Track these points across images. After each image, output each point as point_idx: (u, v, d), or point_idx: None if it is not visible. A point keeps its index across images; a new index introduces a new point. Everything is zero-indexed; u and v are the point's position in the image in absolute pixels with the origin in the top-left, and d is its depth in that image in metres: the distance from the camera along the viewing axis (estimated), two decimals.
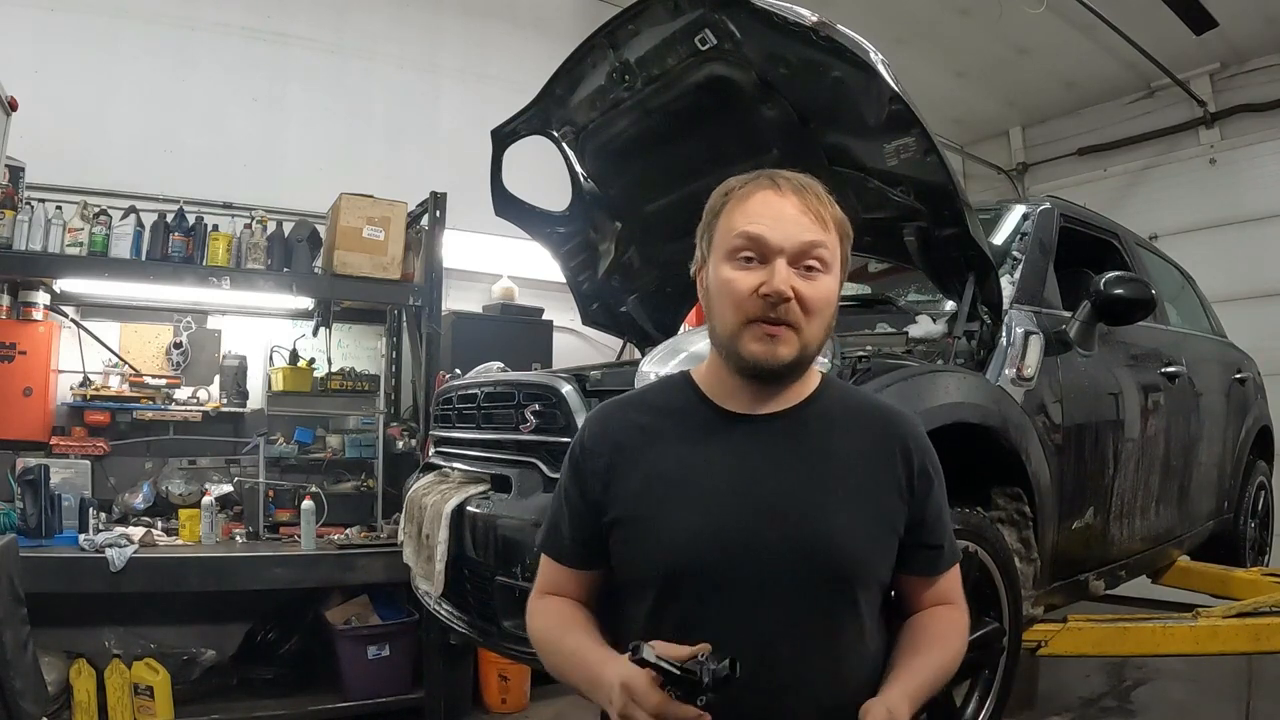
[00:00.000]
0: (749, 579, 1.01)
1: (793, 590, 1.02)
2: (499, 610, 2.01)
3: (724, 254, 1.05)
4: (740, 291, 1.02)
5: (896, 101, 1.94)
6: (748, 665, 0.93)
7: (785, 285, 1.00)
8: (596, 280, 3.22)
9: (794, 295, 1.01)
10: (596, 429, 1.16)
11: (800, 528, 1.03)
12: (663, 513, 1.05)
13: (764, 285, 1.01)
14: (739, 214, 1.05)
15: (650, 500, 1.06)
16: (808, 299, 1.02)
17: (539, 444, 2.11)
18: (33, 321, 3.48)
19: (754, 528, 1.02)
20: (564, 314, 4.18)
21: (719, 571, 1.02)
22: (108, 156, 3.81)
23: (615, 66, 2.40)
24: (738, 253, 1.04)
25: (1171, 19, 5.08)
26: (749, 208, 1.04)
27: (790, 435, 1.08)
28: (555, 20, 5.00)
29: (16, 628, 2.22)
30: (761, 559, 1.02)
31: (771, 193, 1.04)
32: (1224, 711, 3.31)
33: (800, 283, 1.02)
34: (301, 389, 3.93)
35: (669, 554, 1.03)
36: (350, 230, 3.68)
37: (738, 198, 1.07)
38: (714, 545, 1.02)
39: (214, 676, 3.49)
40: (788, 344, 1.02)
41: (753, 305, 1.02)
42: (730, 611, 1.02)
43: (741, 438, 1.08)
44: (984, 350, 2.25)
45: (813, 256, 1.03)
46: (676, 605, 1.04)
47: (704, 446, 1.08)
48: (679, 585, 1.03)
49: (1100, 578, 2.71)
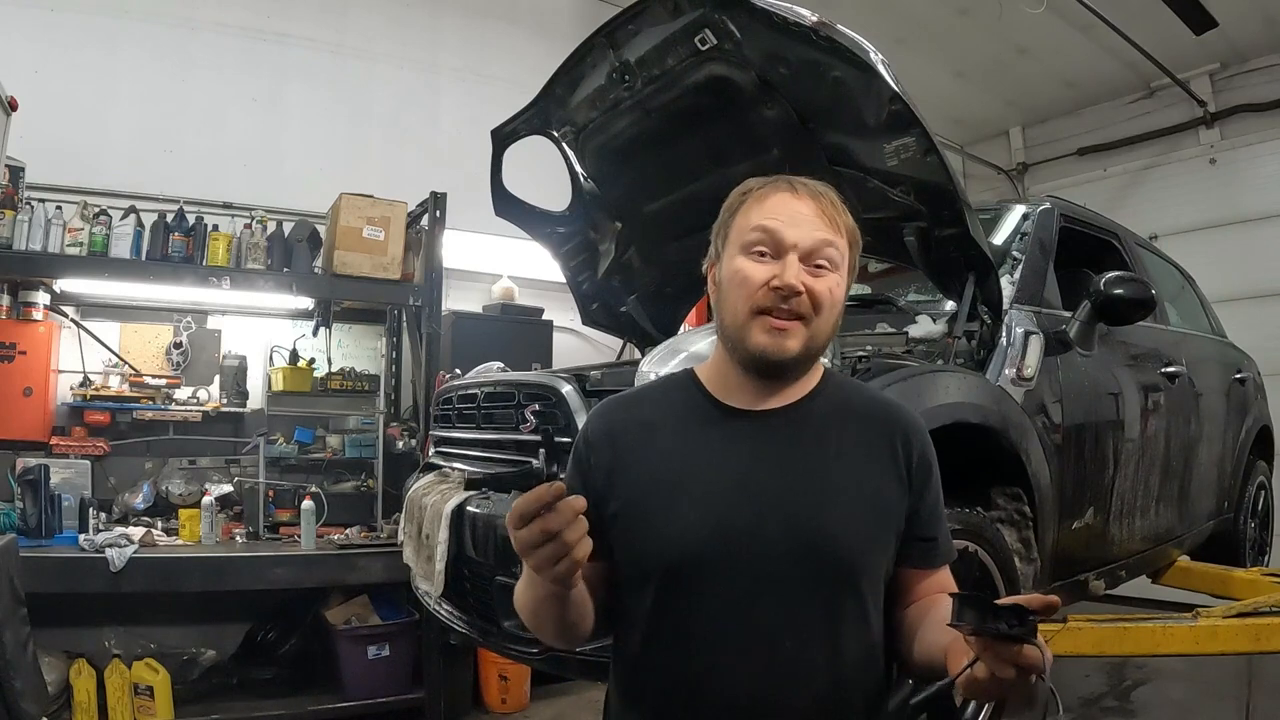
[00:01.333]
0: (749, 571, 1.02)
1: (793, 582, 1.02)
2: (499, 610, 2.01)
3: (739, 247, 1.09)
4: (753, 282, 1.05)
5: (896, 101, 1.94)
6: (748, 657, 0.94)
7: (797, 279, 1.03)
8: (596, 280, 3.22)
9: (804, 289, 1.04)
10: (599, 424, 1.17)
11: (800, 520, 1.03)
12: (663, 507, 1.06)
13: (776, 278, 1.04)
14: (756, 211, 1.09)
15: (651, 494, 1.07)
16: (817, 294, 1.05)
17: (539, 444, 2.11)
18: (33, 321, 3.48)
19: (754, 521, 1.03)
20: (564, 314, 4.18)
21: (719, 564, 1.02)
22: (108, 156, 3.81)
23: (615, 66, 2.40)
24: (753, 246, 1.07)
25: (1171, 19, 5.08)
26: (766, 206, 1.08)
27: (791, 429, 1.09)
28: (555, 20, 5.00)
29: (16, 628, 2.22)
30: (762, 551, 1.02)
31: (789, 194, 1.09)
32: (1224, 711, 3.32)
33: (810, 279, 1.05)
34: (301, 389, 3.93)
35: (669, 547, 1.04)
36: (350, 230, 3.68)
37: (756, 197, 1.11)
38: (714, 538, 1.03)
39: (214, 676, 3.49)
40: (795, 337, 1.05)
41: (764, 297, 1.05)
42: (731, 604, 1.02)
43: (743, 432, 1.09)
44: (984, 350, 2.25)
45: (823, 256, 1.06)
46: (678, 598, 1.04)
47: (705, 441, 1.09)
48: (680, 578, 1.04)
49: (1100, 578, 2.71)
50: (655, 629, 1.06)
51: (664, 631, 1.05)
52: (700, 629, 1.02)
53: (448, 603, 2.31)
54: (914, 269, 2.45)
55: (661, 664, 1.05)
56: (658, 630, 1.05)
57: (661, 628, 1.05)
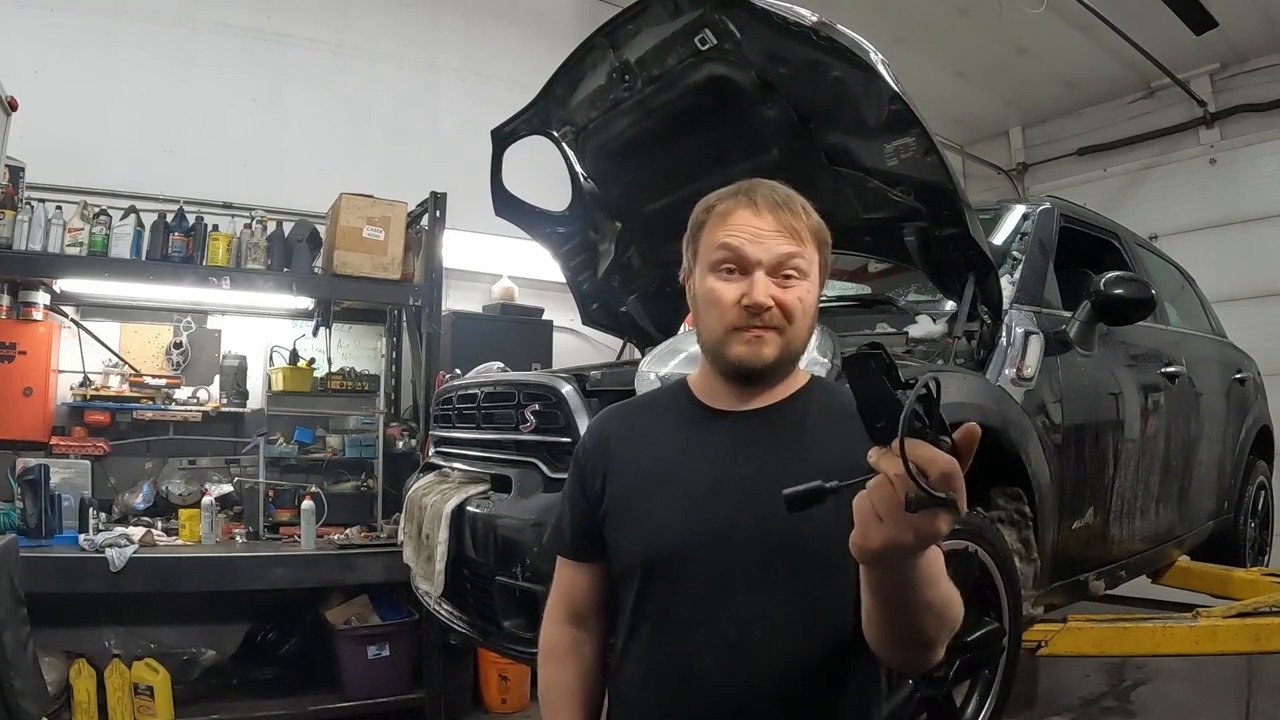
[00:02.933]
0: (722, 565, 1.06)
1: (765, 575, 1.05)
2: (499, 610, 2.01)
3: (707, 266, 1.12)
4: (724, 301, 1.09)
5: (896, 101, 1.94)
6: (720, 646, 0.96)
7: (765, 296, 1.07)
8: (596, 280, 3.22)
9: (774, 303, 1.08)
10: (596, 431, 1.26)
11: (772, 513, 1.02)
12: (646, 504, 1.12)
13: (745, 296, 1.08)
14: (720, 230, 1.12)
15: (637, 493, 1.14)
16: (787, 305, 1.08)
17: (539, 444, 2.11)
18: (33, 321, 3.48)
19: (727, 515, 1.06)
20: (564, 314, 4.18)
21: (696, 557, 1.07)
22: (108, 156, 3.81)
23: (615, 66, 2.40)
24: (720, 265, 1.11)
25: (1171, 19, 5.08)
26: (729, 225, 1.11)
27: (769, 426, 1.12)
28: (555, 20, 5.00)
29: (16, 628, 2.22)
30: (733, 545, 1.05)
31: (749, 212, 1.10)
32: (1224, 711, 3.32)
33: (779, 291, 1.08)
34: (301, 389, 3.93)
35: (650, 542, 1.10)
36: (350, 230, 3.68)
37: (718, 214, 1.13)
38: (689, 533, 1.07)
39: (214, 676, 3.50)
40: (771, 345, 1.09)
41: (736, 314, 1.09)
42: (704, 597, 1.06)
43: (723, 432, 1.13)
44: (984, 350, 2.25)
45: (790, 267, 1.09)
46: (657, 590, 1.09)
47: (687, 441, 1.15)
48: (659, 571, 1.09)
49: (1100, 578, 2.71)
50: (638, 621, 1.12)
51: (644, 623, 1.11)
52: (676, 620, 1.07)
53: (448, 603, 2.31)
54: (914, 269, 2.45)
55: (642, 654, 1.11)
56: (640, 622, 1.11)
57: (643, 619, 1.11)
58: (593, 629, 1.23)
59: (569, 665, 1.22)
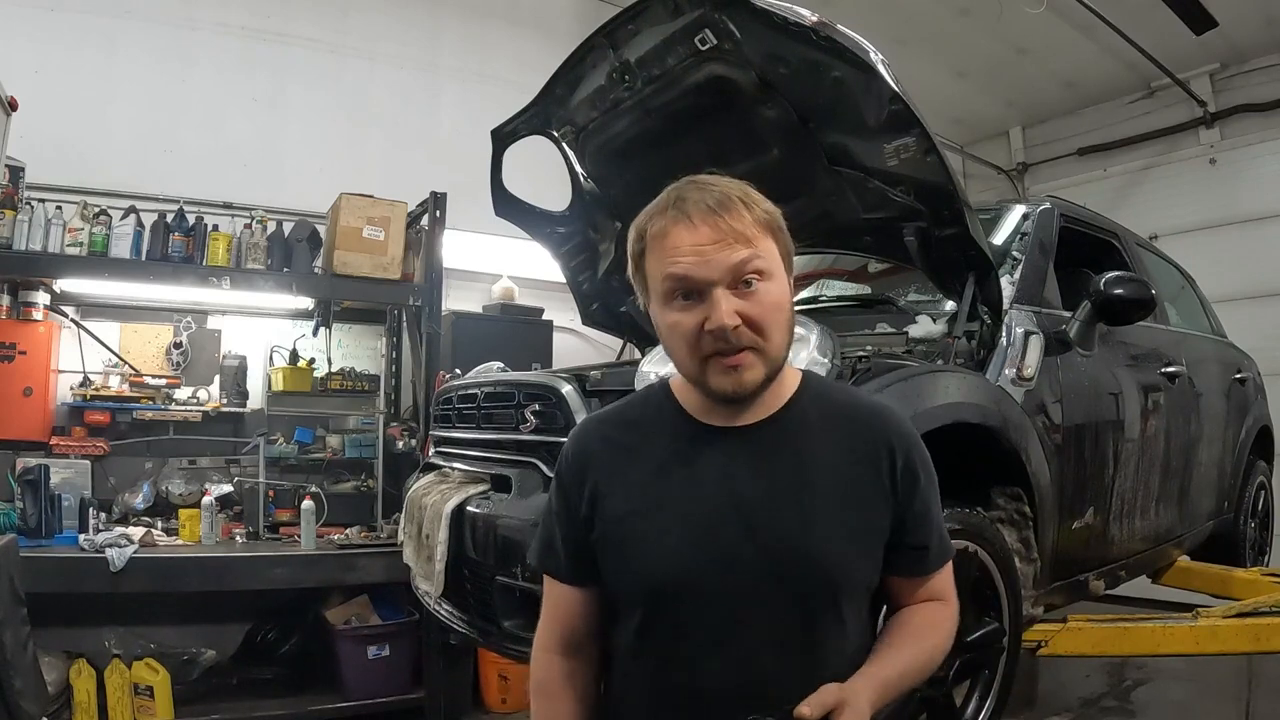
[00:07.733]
0: (730, 593, 1.02)
1: (774, 603, 1.02)
2: (499, 610, 2.01)
3: (660, 298, 1.04)
4: (688, 332, 1.01)
5: (896, 101, 1.94)
6: (729, 674, 0.95)
7: (729, 317, 0.98)
8: (596, 280, 3.21)
9: (740, 320, 0.99)
10: (578, 448, 1.16)
11: (780, 540, 1.02)
12: (646, 531, 1.05)
13: (708, 322, 0.99)
14: (660, 257, 1.02)
15: (634, 518, 1.07)
16: (755, 317, 1.00)
17: (539, 444, 2.11)
18: (33, 321, 3.48)
19: (734, 542, 1.02)
20: (564, 314, 4.18)
21: (700, 587, 1.03)
22: (108, 156, 3.80)
23: (615, 66, 2.39)
24: (673, 295, 1.02)
25: (1171, 19, 5.08)
26: (668, 248, 1.01)
27: (770, 445, 1.07)
28: (555, 20, 5.00)
29: (16, 628, 2.22)
30: (742, 573, 1.02)
31: (683, 229, 1.01)
32: (1224, 711, 3.31)
33: (743, 303, 0.99)
34: (301, 389, 3.93)
35: (652, 572, 1.04)
36: (350, 230, 3.68)
37: (654, 239, 1.04)
38: (695, 561, 1.03)
39: (214, 676, 3.49)
40: (752, 369, 1.01)
41: (705, 343, 1.00)
42: (712, 626, 1.03)
43: (721, 452, 1.07)
44: (984, 350, 2.25)
45: (748, 272, 1.00)
46: (662, 620, 1.05)
47: (685, 463, 1.08)
48: (662, 602, 1.05)
49: (1100, 578, 2.71)
50: (641, 649, 1.07)
51: (650, 651, 1.06)
52: (685, 647, 1.03)
53: (448, 603, 2.31)
54: (914, 269, 2.45)
55: (647, 681, 1.07)
56: (643, 650, 1.07)
57: (647, 648, 1.07)
58: (587, 657, 1.16)
59: (566, 701, 1.14)
